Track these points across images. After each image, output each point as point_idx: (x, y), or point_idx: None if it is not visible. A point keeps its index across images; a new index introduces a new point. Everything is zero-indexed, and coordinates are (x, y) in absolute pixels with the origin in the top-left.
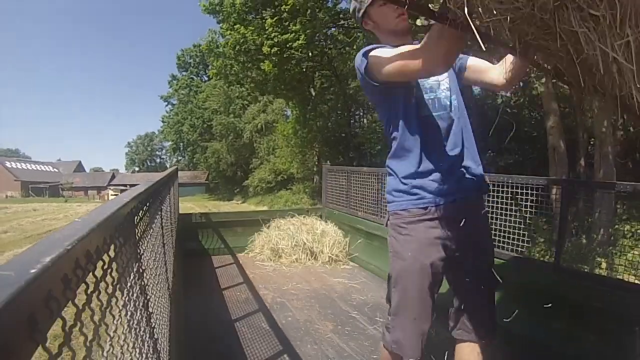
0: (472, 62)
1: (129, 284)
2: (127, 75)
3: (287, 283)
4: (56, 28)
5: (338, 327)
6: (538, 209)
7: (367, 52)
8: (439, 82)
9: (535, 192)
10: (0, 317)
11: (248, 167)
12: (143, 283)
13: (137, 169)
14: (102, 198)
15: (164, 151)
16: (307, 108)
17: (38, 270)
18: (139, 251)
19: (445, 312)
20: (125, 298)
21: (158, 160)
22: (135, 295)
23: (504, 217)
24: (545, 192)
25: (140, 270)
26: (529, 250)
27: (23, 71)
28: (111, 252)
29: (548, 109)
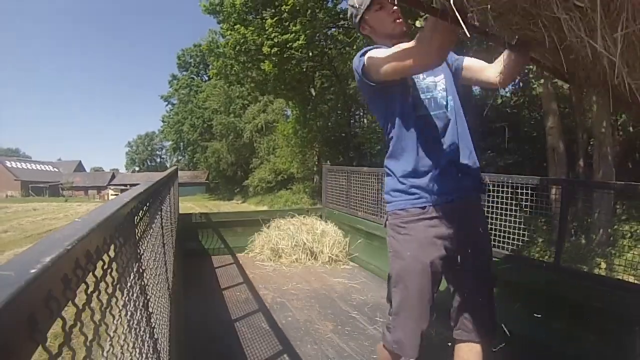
0: (468, 62)
1: (129, 284)
2: (127, 75)
3: (287, 283)
4: (56, 28)
5: (338, 327)
6: (537, 209)
7: (364, 53)
8: (436, 83)
9: (534, 192)
10: (0, 317)
11: (248, 167)
12: (143, 283)
13: (137, 168)
14: (102, 198)
15: (164, 151)
16: (307, 108)
17: (38, 270)
18: (139, 251)
19: (445, 312)
20: (125, 298)
21: (158, 160)
22: (135, 295)
23: (503, 217)
24: (545, 192)
25: (140, 270)
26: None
27: (23, 71)
28: (111, 252)
29: (547, 109)
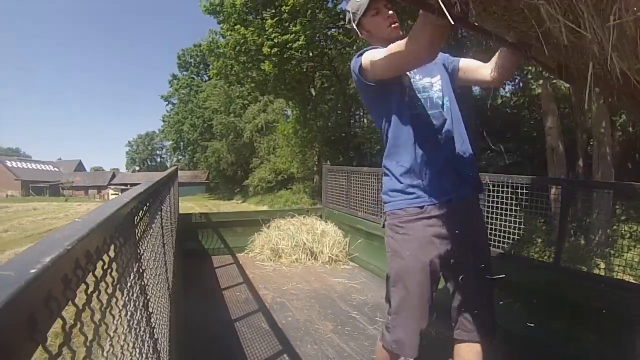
0: (464, 63)
1: (129, 284)
2: (127, 75)
3: (287, 283)
4: (56, 28)
5: (338, 327)
6: (537, 209)
7: (361, 54)
8: (432, 83)
9: (534, 192)
10: (0, 317)
11: (248, 167)
12: (143, 283)
13: (137, 168)
14: (103, 197)
15: (164, 150)
16: (308, 108)
17: (38, 270)
18: (139, 251)
19: (445, 312)
20: (125, 298)
21: (158, 160)
22: (135, 295)
23: (503, 217)
24: (545, 192)
25: (140, 270)
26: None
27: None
28: (111, 252)
29: (547, 109)
